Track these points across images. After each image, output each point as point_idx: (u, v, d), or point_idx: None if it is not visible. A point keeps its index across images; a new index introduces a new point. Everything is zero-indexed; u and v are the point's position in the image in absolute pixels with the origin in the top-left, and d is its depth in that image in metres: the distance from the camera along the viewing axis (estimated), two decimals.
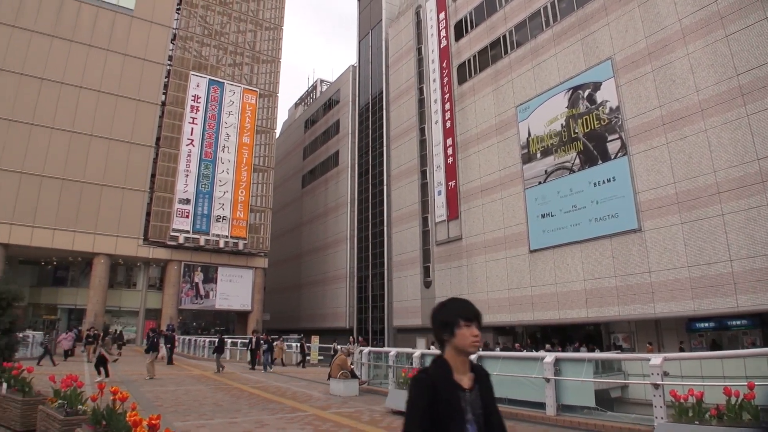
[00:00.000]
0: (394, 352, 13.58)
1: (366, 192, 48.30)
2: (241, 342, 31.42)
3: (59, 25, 39.39)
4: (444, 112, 37.32)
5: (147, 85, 42.32)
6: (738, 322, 20.81)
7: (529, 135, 29.70)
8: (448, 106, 36.99)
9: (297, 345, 31.05)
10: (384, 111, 46.10)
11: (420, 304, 37.53)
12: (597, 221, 25.17)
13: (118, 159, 40.03)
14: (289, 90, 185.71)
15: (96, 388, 6.64)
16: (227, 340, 31.69)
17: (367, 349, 16.27)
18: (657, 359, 7.43)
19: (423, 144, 39.82)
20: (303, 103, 70.58)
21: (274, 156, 50.81)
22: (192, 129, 43.92)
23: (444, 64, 38.21)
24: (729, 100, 20.36)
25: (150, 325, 39.40)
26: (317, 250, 54.83)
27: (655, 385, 7.17)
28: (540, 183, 28.66)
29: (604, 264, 24.60)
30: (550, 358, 9.23)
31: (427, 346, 32.34)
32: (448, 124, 36.63)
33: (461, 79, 36.34)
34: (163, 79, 43.80)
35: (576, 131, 26.90)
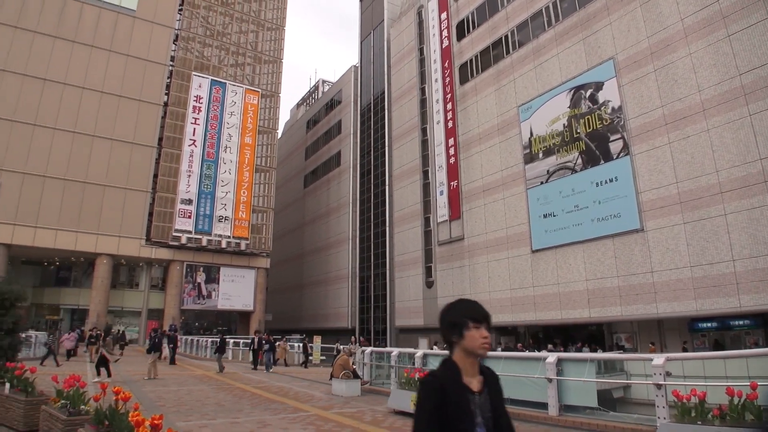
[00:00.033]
0: (396, 352, 13.58)
1: (368, 192, 48.29)
2: (243, 342, 31.43)
3: (62, 26, 39.50)
4: (446, 112, 37.31)
5: (149, 85, 42.41)
6: (740, 322, 20.77)
7: (531, 135, 29.68)
8: (450, 106, 36.98)
9: (299, 345, 31.06)
10: (386, 111, 46.09)
11: (422, 305, 37.52)
12: (599, 221, 25.14)
13: (121, 159, 40.13)
14: (291, 90, 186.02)
15: (98, 388, 6.65)
16: (229, 341, 31.80)
17: (369, 349, 16.27)
18: (659, 359, 7.42)
19: (425, 144, 39.82)
20: (305, 104, 70.60)
21: (276, 156, 50.88)
22: (194, 129, 43.99)
23: (446, 64, 38.20)
24: (731, 100, 20.32)
25: (152, 325, 39.44)
26: (319, 251, 54.86)
27: (658, 386, 7.17)
28: (542, 183, 28.63)
29: (606, 264, 24.58)
30: (552, 358, 9.22)
31: (430, 346, 32.34)
32: (450, 124, 36.62)
33: (463, 79, 36.33)
34: (166, 79, 43.89)
35: (578, 131, 26.87)
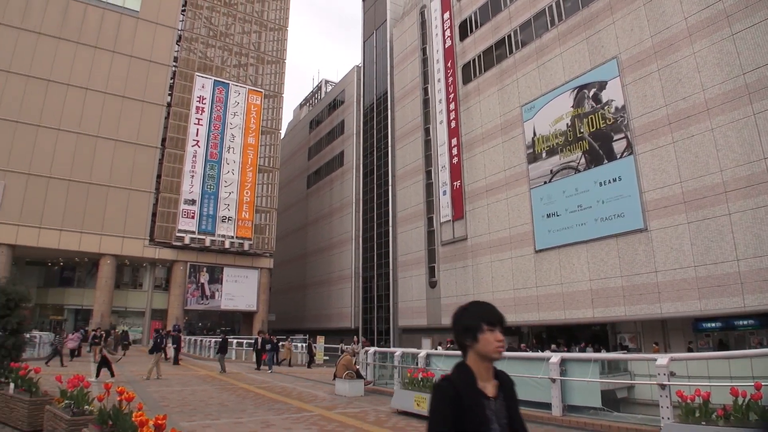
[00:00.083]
0: (400, 352, 13.56)
1: (371, 192, 48.31)
2: (247, 342, 31.47)
3: (65, 27, 39.60)
4: (449, 112, 37.29)
5: (152, 86, 42.49)
6: (745, 322, 20.69)
7: (534, 135, 29.64)
8: (452, 106, 36.96)
9: (302, 345, 31.09)
10: (389, 111, 46.09)
11: (425, 305, 37.50)
12: (603, 221, 25.09)
13: (124, 160, 40.22)
14: (294, 91, 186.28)
15: (102, 388, 6.67)
16: (233, 341, 31.85)
17: (372, 349, 16.26)
18: (663, 359, 7.40)
19: (428, 144, 39.80)
20: (308, 104, 70.64)
21: (279, 156, 50.93)
22: (197, 130, 44.05)
23: (449, 64, 38.17)
24: (735, 99, 20.26)
25: (156, 325, 39.47)
26: (322, 251, 54.88)
27: (662, 386, 7.14)
28: (545, 183, 28.59)
29: (610, 264, 24.53)
30: (555, 358, 9.20)
31: (433, 346, 32.31)
32: (453, 124, 36.60)
33: (466, 79, 36.30)
34: (169, 80, 43.96)
35: (581, 131, 26.82)
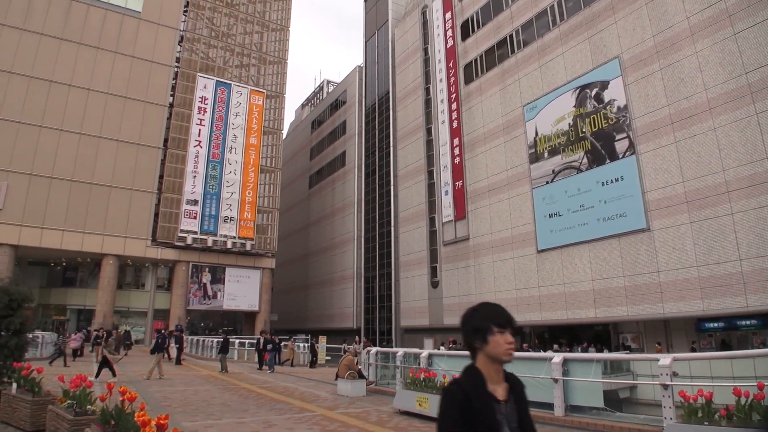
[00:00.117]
0: (402, 352, 13.56)
1: (373, 192, 48.31)
2: (249, 342, 31.50)
3: (67, 28, 39.66)
4: (451, 112, 37.28)
5: (155, 86, 42.54)
6: (747, 322, 20.66)
7: (536, 134, 29.61)
8: (454, 106, 36.95)
9: (304, 345, 31.10)
10: (390, 111, 46.10)
11: (427, 305, 37.49)
12: (605, 221, 25.06)
13: (127, 160, 40.27)
14: (296, 91, 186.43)
15: (105, 388, 6.68)
16: (235, 341, 31.86)
17: (374, 349, 16.27)
18: (666, 359, 7.38)
19: (430, 144, 39.79)
20: (310, 104, 70.67)
21: (281, 157, 50.95)
22: (199, 130, 44.09)
23: (450, 64, 38.16)
24: (738, 98, 20.22)
25: (159, 325, 39.60)
26: (324, 251, 54.90)
27: (665, 386, 7.13)
28: (547, 183, 28.56)
29: (612, 264, 24.49)
30: (558, 358, 9.19)
31: (435, 346, 32.32)
32: (455, 124, 36.59)
33: (468, 79, 36.29)
34: (171, 80, 44.00)
35: (583, 130, 26.79)
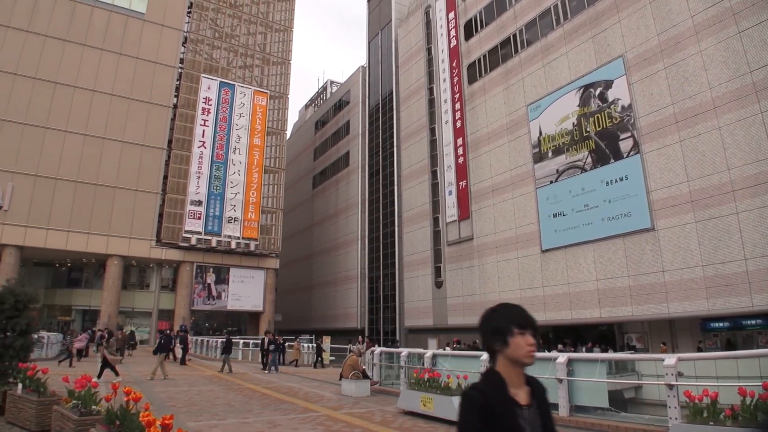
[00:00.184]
0: (406, 352, 13.57)
1: (377, 192, 48.31)
2: (253, 342, 31.56)
3: (72, 30, 39.81)
4: (454, 111, 37.25)
5: (159, 87, 42.67)
6: (753, 322, 20.53)
7: (540, 134, 29.55)
8: (458, 106, 36.91)
9: (309, 345, 31.10)
10: (394, 111, 46.09)
11: (431, 305, 37.47)
12: (609, 220, 24.99)
13: (131, 161, 40.40)
14: (300, 92, 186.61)
15: (110, 388, 6.70)
16: (240, 341, 31.94)
17: (378, 349, 16.27)
18: (671, 359, 7.36)
19: (433, 144, 39.77)
20: (313, 105, 70.77)
21: (284, 157, 50.98)
22: (203, 131, 44.20)
23: (454, 64, 38.13)
24: (743, 97, 20.13)
25: (163, 325, 39.69)
26: (328, 251, 54.94)
27: (670, 386, 7.11)
28: (551, 182, 28.50)
29: (616, 263, 24.42)
30: (562, 358, 9.17)
31: (440, 346, 32.29)
32: (459, 124, 36.55)
33: (471, 79, 36.25)
34: (175, 81, 44.12)
35: (587, 130, 26.72)
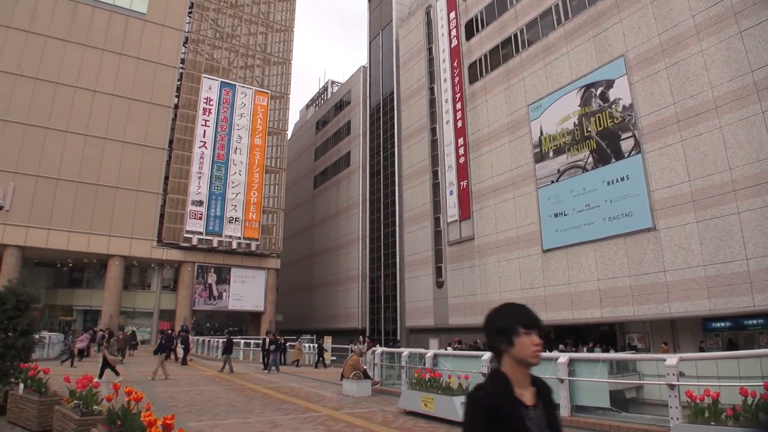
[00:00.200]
0: (407, 352, 13.57)
1: (378, 192, 48.30)
2: (255, 342, 31.58)
3: (73, 30, 39.86)
4: (455, 111, 37.24)
5: (160, 88, 42.70)
6: (754, 322, 20.50)
7: (541, 134, 29.54)
8: (459, 106, 36.90)
9: (310, 345, 31.09)
10: (395, 111, 46.08)
11: (432, 305, 37.46)
12: (611, 220, 24.97)
13: (132, 162, 40.44)
14: (300, 92, 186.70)
15: (111, 388, 6.71)
16: (241, 341, 31.95)
17: (379, 349, 16.27)
18: (672, 359, 7.36)
19: (434, 144, 39.76)
20: (314, 105, 70.77)
21: (285, 157, 51.00)
22: (204, 131, 44.23)
23: (455, 64, 38.12)
24: (744, 97, 20.11)
25: (165, 326, 39.72)
26: (329, 251, 54.95)
27: (671, 386, 7.10)
28: (553, 182, 28.49)
29: (618, 263, 24.40)
30: (563, 358, 9.16)
31: (441, 346, 32.28)
32: (460, 124, 36.54)
33: (472, 79, 36.23)
34: (176, 82, 44.15)
35: (589, 129, 26.71)
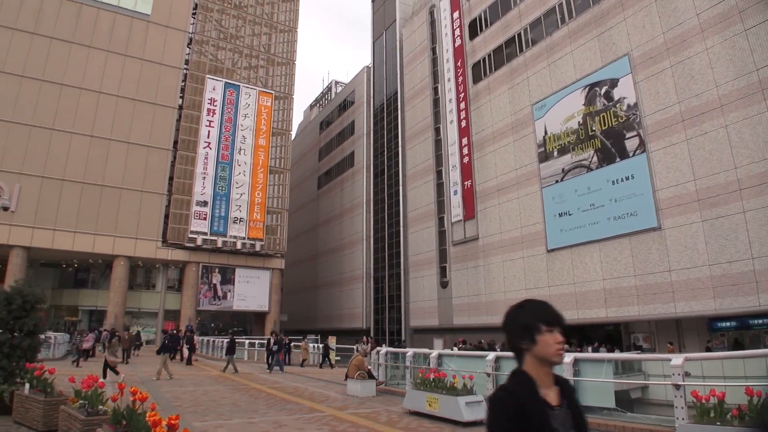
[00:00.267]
0: (411, 352, 13.56)
1: (382, 192, 48.31)
2: (259, 343, 31.64)
3: (78, 32, 40.02)
4: (459, 111, 37.19)
5: (164, 89, 42.82)
6: (760, 321, 20.40)
7: (545, 133, 29.47)
8: (463, 106, 36.85)
9: (314, 345, 31.13)
10: (399, 111, 46.07)
11: (437, 305, 37.43)
12: (615, 220, 24.89)
13: (137, 162, 40.56)
14: (304, 92, 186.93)
15: (116, 388, 6.73)
16: (245, 341, 32.00)
17: (384, 349, 16.27)
18: (678, 359, 7.32)
19: (438, 144, 39.72)
20: (318, 105, 70.79)
21: (289, 158, 51.05)
22: (209, 132, 44.32)
23: (458, 63, 38.07)
24: (749, 95, 20.01)
25: (170, 326, 39.81)
26: (333, 251, 54.97)
27: (677, 386, 7.07)
28: (557, 182, 28.41)
29: (623, 263, 24.32)
30: (569, 358, 9.13)
31: (446, 346, 32.25)
32: (464, 124, 36.49)
33: (476, 78, 36.18)
34: (180, 83, 44.26)
35: (593, 129, 26.63)
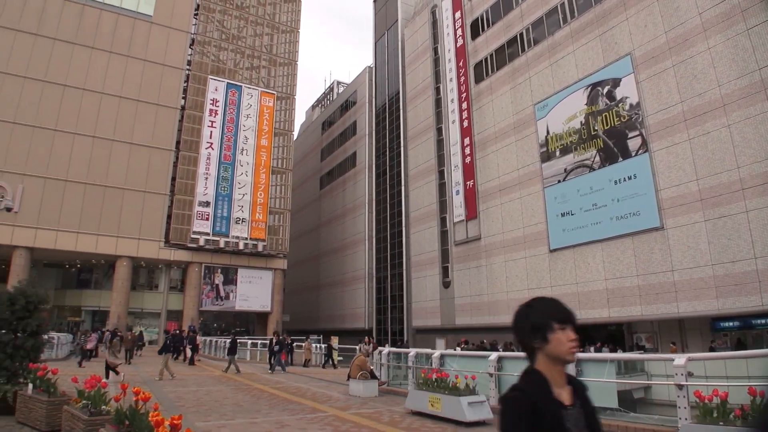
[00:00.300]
0: (414, 352, 13.57)
1: (384, 192, 48.30)
2: (261, 343, 31.67)
3: (80, 33, 40.13)
4: (461, 111, 37.17)
5: (166, 89, 42.90)
6: (763, 321, 20.33)
7: (547, 133, 29.44)
8: (465, 106, 36.83)
9: (317, 345, 31.14)
10: (401, 111, 46.06)
11: (439, 305, 37.41)
12: (618, 219, 24.85)
13: (139, 163, 40.65)
14: (306, 92, 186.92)
15: (119, 388, 6.74)
16: (248, 341, 32.03)
17: (386, 349, 16.27)
18: (681, 359, 7.31)
19: (440, 144, 39.70)
20: (320, 105, 70.83)
21: (292, 158, 51.13)
22: (211, 132, 44.39)
23: (460, 63, 38.05)
24: (752, 95, 19.96)
25: (172, 326, 39.87)
26: (336, 251, 54.99)
27: (679, 386, 7.06)
28: (559, 181, 28.38)
29: (625, 263, 24.27)
30: None
31: (448, 346, 32.23)
32: (466, 124, 36.47)
33: (478, 78, 36.16)
34: (182, 83, 44.35)
35: (595, 128, 26.59)
